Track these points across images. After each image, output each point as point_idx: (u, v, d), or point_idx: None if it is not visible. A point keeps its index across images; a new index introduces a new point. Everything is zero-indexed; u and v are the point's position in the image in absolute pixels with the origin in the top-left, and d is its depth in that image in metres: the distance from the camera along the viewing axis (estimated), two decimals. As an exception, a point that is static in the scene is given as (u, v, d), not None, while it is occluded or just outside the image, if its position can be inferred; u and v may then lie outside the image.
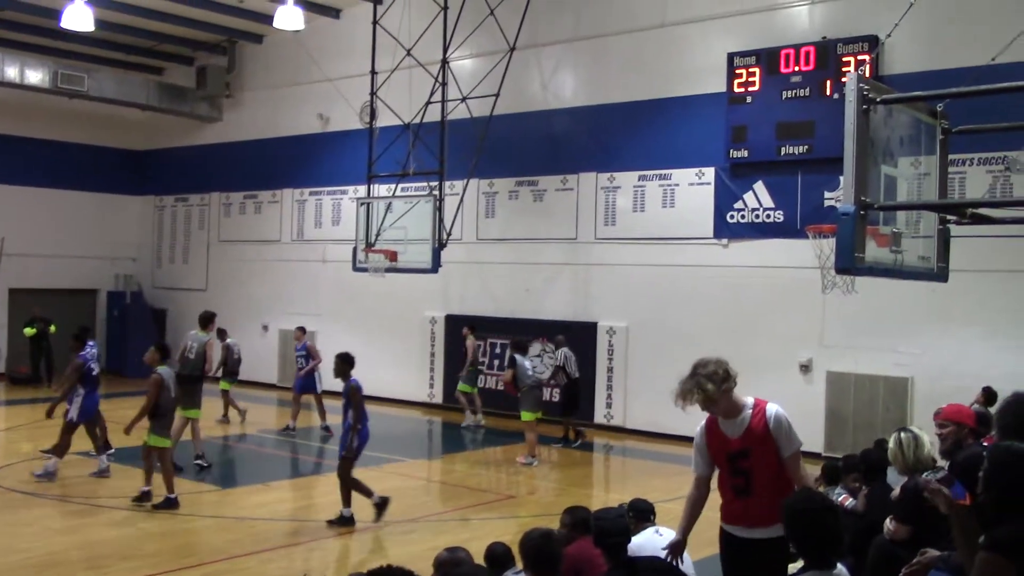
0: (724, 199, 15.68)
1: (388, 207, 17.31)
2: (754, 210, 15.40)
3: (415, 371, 19.51)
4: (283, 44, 21.87)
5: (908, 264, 5.96)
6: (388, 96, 17.98)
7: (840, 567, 4.37)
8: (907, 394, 13.88)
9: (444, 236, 16.78)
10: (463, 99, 17.03)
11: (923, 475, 5.71)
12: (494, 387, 17.36)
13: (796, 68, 14.74)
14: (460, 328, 17.91)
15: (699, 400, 5.43)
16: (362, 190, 18.94)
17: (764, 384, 11.94)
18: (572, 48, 17.68)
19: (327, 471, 12.91)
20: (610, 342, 16.93)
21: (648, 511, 6.50)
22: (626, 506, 6.41)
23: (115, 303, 24.61)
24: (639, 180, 16.73)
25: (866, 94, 5.19)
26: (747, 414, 5.55)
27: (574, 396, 15.78)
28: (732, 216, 15.62)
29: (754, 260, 15.35)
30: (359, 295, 20.06)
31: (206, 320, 13.81)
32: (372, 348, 20.16)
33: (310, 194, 21.79)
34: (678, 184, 16.26)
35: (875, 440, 8.69)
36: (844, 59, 14.22)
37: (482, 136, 16.92)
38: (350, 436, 10.11)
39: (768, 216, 15.27)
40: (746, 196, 15.47)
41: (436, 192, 16.95)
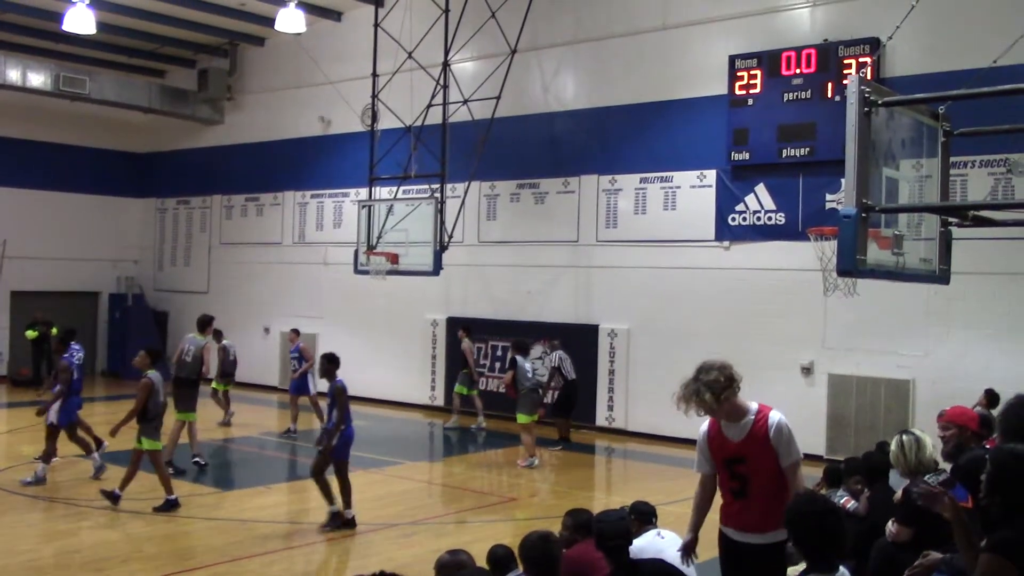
0: (725, 201, 15.68)
1: (389, 210, 17.31)
2: (755, 212, 15.40)
3: (416, 374, 19.51)
4: (284, 47, 21.89)
5: (910, 266, 5.96)
6: (389, 99, 17.98)
7: (842, 569, 4.37)
8: (909, 396, 13.86)
9: (445, 238, 16.78)
10: (464, 101, 17.04)
11: (925, 478, 5.72)
12: (495, 389, 17.34)
13: (797, 70, 14.74)
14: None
15: (696, 408, 5.43)
16: (363, 193, 18.95)
17: (765, 386, 11.96)
18: (573, 50, 17.69)
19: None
20: (611, 344, 16.92)
21: (650, 513, 6.49)
22: (628, 509, 6.40)
23: (116, 305, 24.64)
24: (640, 182, 16.73)
25: (867, 96, 5.19)
26: (749, 419, 5.51)
27: (570, 397, 15.77)
28: (733, 218, 15.61)
29: (755, 262, 15.35)
30: (360, 298, 20.06)
31: (204, 324, 13.84)
32: (373, 351, 20.22)
33: (311, 197, 21.80)
34: (679, 186, 16.26)
35: (877, 443, 8.68)
36: (845, 61, 14.22)
37: (483, 138, 16.92)
38: (330, 435, 10.13)
39: (769, 218, 15.27)
40: (747, 198, 15.47)
41: (437, 194, 16.95)
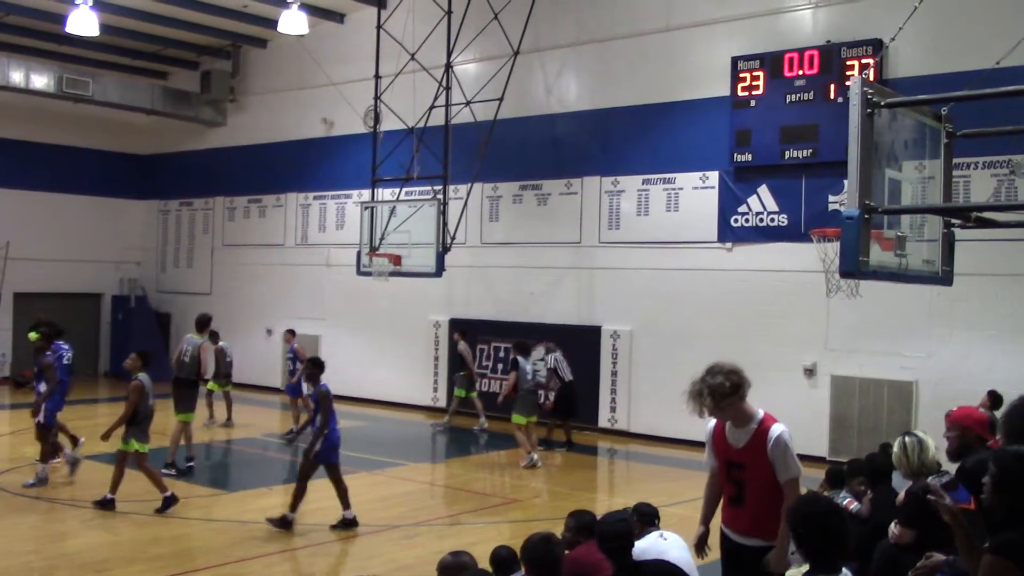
0: (728, 203, 15.68)
1: (392, 211, 17.33)
2: (758, 214, 15.39)
3: (419, 375, 19.51)
4: (287, 49, 21.91)
5: (912, 268, 5.96)
6: (392, 100, 18.00)
7: (845, 571, 4.36)
8: (912, 398, 13.85)
9: (448, 240, 16.79)
10: (467, 103, 17.05)
11: (928, 479, 5.72)
12: (499, 391, 17.33)
13: (800, 72, 14.73)
14: (470, 332, 17.93)
15: (699, 409, 5.45)
16: (366, 194, 18.96)
17: (768, 388, 11.94)
18: (576, 52, 17.69)
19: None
20: (614, 346, 16.92)
21: (652, 515, 6.48)
22: (630, 510, 6.40)
23: (119, 307, 24.68)
24: (643, 184, 16.72)
25: (870, 98, 5.19)
26: (752, 428, 5.52)
27: (570, 399, 15.76)
28: (736, 220, 15.61)
29: (758, 264, 15.34)
30: (363, 299, 20.08)
31: (202, 323, 13.85)
32: (376, 352, 20.24)
33: (314, 198, 21.82)
34: (682, 188, 16.26)
35: (880, 444, 8.67)
36: (848, 63, 14.21)
37: (486, 140, 16.94)
38: (314, 440, 10.19)
39: (772, 220, 15.26)
40: (750, 200, 15.46)
41: (440, 196, 16.96)
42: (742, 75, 15.29)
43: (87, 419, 16.41)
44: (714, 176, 15.84)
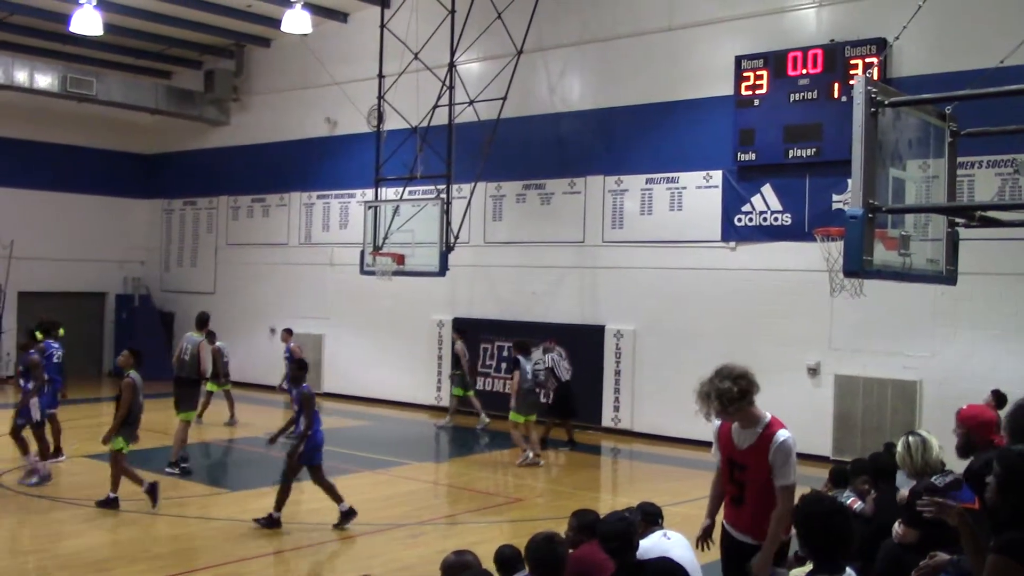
0: (732, 202, 15.66)
1: (395, 210, 17.33)
2: (762, 213, 15.37)
3: (422, 374, 19.51)
4: (291, 48, 21.91)
5: (916, 267, 5.95)
6: (395, 100, 18.00)
7: (849, 571, 4.35)
8: (916, 397, 13.83)
9: (451, 239, 16.80)
10: (470, 102, 17.05)
11: (931, 479, 5.71)
12: (502, 390, 17.35)
13: (804, 71, 14.71)
14: (468, 332, 17.93)
15: (704, 412, 5.48)
16: (369, 193, 18.96)
17: (772, 388, 11.89)
18: (579, 51, 17.68)
19: (331, 474, 12.90)
20: (617, 345, 16.91)
21: (656, 514, 6.48)
22: (634, 509, 6.40)
23: (123, 306, 24.71)
24: (647, 183, 16.71)
25: (874, 97, 5.18)
26: (758, 431, 5.55)
27: (567, 399, 15.74)
28: (740, 219, 15.59)
29: (762, 263, 15.32)
30: (366, 298, 20.08)
31: (202, 322, 13.88)
32: (379, 351, 20.25)
33: (318, 197, 21.82)
34: (686, 187, 16.24)
35: (884, 443, 8.66)
36: (852, 62, 14.19)
37: (489, 139, 16.94)
38: (298, 442, 10.18)
39: (776, 219, 15.24)
40: (754, 199, 15.45)
41: (443, 195, 16.97)
42: (746, 74, 15.27)
43: (91, 418, 16.42)
44: (718, 175, 15.83)
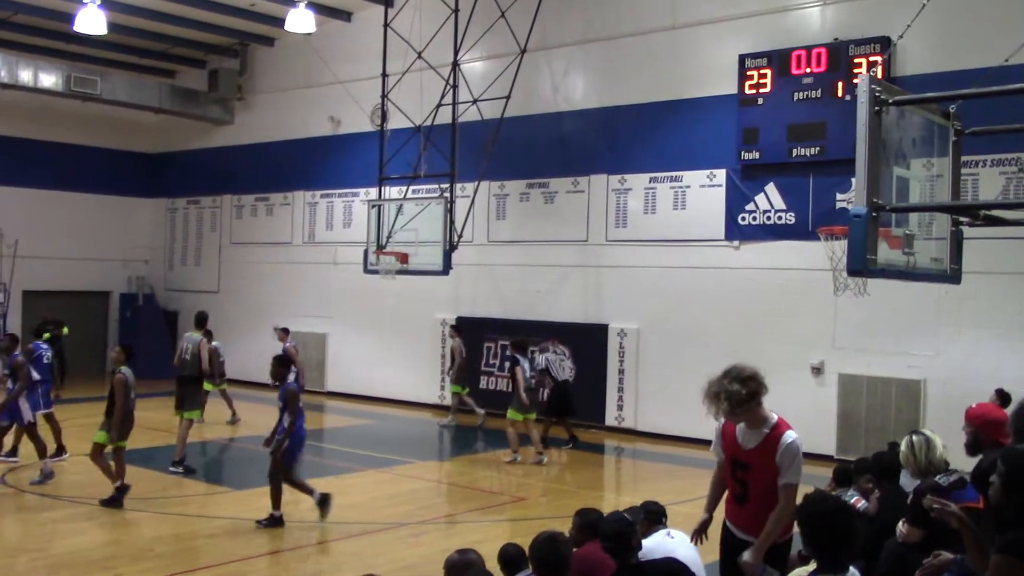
0: (735, 201, 15.65)
1: (399, 209, 17.34)
2: (765, 212, 15.36)
3: (426, 373, 19.52)
4: (294, 47, 21.92)
5: (920, 266, 5.95)
6: (399, 98, 18.01)
7: (853, 570, 4.34)
8: (920, 396, 13.81)
9: (455, 238, 16.81)
10: (474, 101, 17.05)
11: (935, 478, 5.71)
12: (505, 389, 17.34)
13: (808, 69, 14.70)
14: (471, 331, 17.94)
15: (713, 412, 5.48)
16: (373, 192, 18.96)
17: (776, 387, 11.88)
18: (583, 50, 17.67)
19: (334, 473, 12.94)
20: (621, 344, 16.90)
21: (659, 513, 6.48)
22: (638, 508, 6.40)
23: (127, 305, 24.74)
24: (650, 182, 16.70)
25: (878, 95, 5.18)
26: (765, 432, 5.55)
27: (564, 398, 15.73)
28: (743, 218, 15.58)
29: (765, 262, 15.31)
30: (370, 297, 20.09)
31: (201, 320, 13.90)
32: (383, 350, 20.26)
33: (321, 196, 21.83)
34: (689, 186, 16.23)
35: (888, 442, 8.65)
36: (856, 60, 14.17)
37: (493, 138, 16.94)
38: (282, 438, 10.12)
39: (780, 218, 15.22)
40: (757, 198, 15.43)
41: (447, 194, 16.97)
42: (749, 73, 15.26)
43: (93, 417, 16.35)
44: (721, 174, 15.81)
